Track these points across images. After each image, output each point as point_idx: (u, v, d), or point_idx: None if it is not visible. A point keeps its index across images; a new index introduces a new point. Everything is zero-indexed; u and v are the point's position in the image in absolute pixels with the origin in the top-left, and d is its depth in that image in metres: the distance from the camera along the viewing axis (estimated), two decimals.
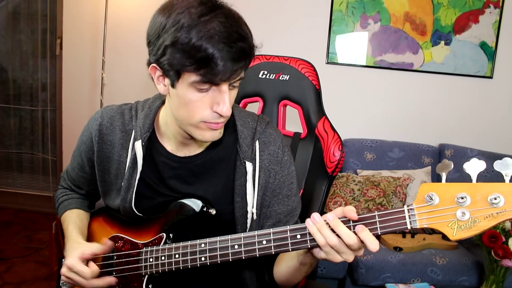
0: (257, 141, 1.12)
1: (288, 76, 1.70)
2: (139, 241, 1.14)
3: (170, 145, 1.13)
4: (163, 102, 1.13)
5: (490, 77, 3.11)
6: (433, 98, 3.18)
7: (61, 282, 1.23)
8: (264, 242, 0.95)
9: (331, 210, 0.95)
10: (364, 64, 3.16)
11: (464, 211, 0.74)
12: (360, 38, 3.14)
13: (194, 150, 1.12)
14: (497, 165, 0.73)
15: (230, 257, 0.98)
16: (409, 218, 0.81)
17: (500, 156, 0.74)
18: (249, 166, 1.09)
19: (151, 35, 0.94)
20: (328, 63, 3.19)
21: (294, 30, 3.16)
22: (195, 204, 1.09)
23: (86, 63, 3.40)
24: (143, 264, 1.10)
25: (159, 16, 0.93)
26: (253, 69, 1.68)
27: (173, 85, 0.95)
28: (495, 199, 0.72)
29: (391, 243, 2.47)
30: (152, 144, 1.13)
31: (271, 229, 0.95)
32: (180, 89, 0.94)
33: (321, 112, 1.65)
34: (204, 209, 1.08)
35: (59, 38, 3.46)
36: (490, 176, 2.89)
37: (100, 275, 1.12)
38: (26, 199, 3.77)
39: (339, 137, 1.55)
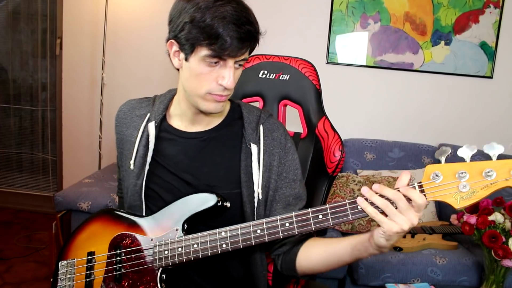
0: (261, 125, 1.21)
1: (288, 76, 1.69)
2: (150, 237, 1.16)
3: (179, 124, 1.23)
4: (176, 94, 1.26)
5: (490, 77, 3.11)
6: (433, 98, 3.18)
7: (58, 285, 1.23)
8: (287, 224, 1.02)
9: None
10: (364, 64, 3.16)
11: (464, 184, 0.89)
12: (360, 38, 3.14)
13: (201, 128, 1.22)
14: (486, 148, 0.90)
15: (253, 241, 1.04)
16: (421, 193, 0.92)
17: (500, 156, 0.85)
18: (254, 147, 1.17)
19: (172, 15, 1.08)
20: (328, 63, 3.18)
21: (294, 30, 3.16)
22: (211, 197, 1.13)
23: (86, 63, 3.40)
24: (157, 257, 1.13)
25: (181, 1, 1.07)
26: (253, 68, 1.68)
27: (186, 59, 1.08)
28: (489, 172, 0.88)
29: None
30: (162, 125, 1.24)
31: (293, 212, 1.02)
32: (192, 62, 1.07)
33: (321, 112, 1.64)
34: (219, 203, 1.12)
35: (59, 38, 3.45)
36: None
37: (105, 275, 1.15)
38: (26, 199, 3.77)
39: (339, 137, 1.54)
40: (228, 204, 1.14)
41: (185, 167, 1.20)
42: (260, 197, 1.16)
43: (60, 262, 1.25)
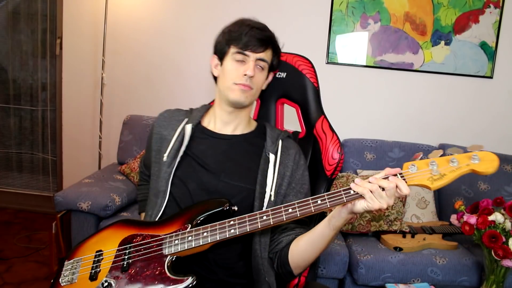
0: (280, 140, 1.43)
1: (285, 73, 1.69)
2: (160, 234, 1.24)
3: (212, 127, 1.47)
4: (211, 107, 1.53)
5: (490, 77, 3.11)
6: (433, 98, 3.17)
7: (60, 279, 1.24)
8: (290, 210, 1.16)
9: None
10: (364, 64, 3.16)
11: (435, 170, 1.11)
12: (360, 38, 3.14)
13: (230, 132, 1.45)
14: (450, 150, 1.12)
15: (259, 224, 1.17)
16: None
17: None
18: (272, 157, 1.37)
19: (217, 36, 1.45)
20: (328, 63, 3.18)
21: (294, 30, 3.16)
22: (221, 202, 1.27)
23: (86, 63, 3.40)
24: (167, 246, 1.20)
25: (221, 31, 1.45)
26: None
27: (221, 64, 1.42)
28: (453, 159, 1.11)
29: (391, 243, 2.47)
30: (197, 127, 1.47)
31: (295, 201, 1.17)
32: (225, 63, 1.40)
33: (320, 111, 1.64)
34: (227, 208, 1.25)
35: (59, 38, 3.45)
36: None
37: (112, 265, 1.21)
38: (26, 199, 3.77)
39: (338, 138, 1.54)
40: (235, 208, 1.26)
41: (211, 159, 1.39)
42: (272, 198, 1.31)
43: (66, 261, 1.27)
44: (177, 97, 3.34)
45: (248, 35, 1.35)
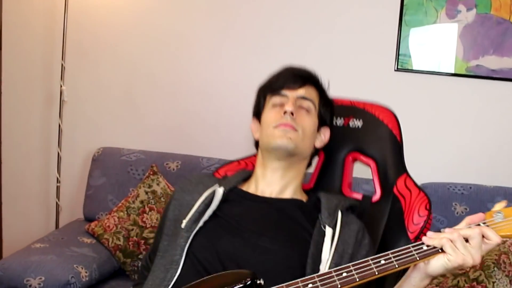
0: (339, 211, 1.57)
1: (361, 122, 1.88)
2: None
3: (253, 190, 1.67)
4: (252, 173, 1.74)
5: None
6: None
7: None
8: (345, 274, 1.24)
9: None
10: (452, 71, 3.16)
11: None
12: (446, 33, 3.14)
13: (275, 195, 1.64)
14: None
15: None
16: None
17: None
18: (328, 230, 1.49)
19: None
20: (397, 69, 3.18)
21: (347, 22, 3.18)
22: (240, 274, 1.31)
23: (37, 70, 3.44)
24: None
25: None
26: None
27: (259, 118, 1.72)
28: None
29: None
30: (232, 192, 1.65)
31: (350, 263, 1.27)
32: (264, 114, 1.69)
33: (402, 169, 1.80)
34: (248, 282, 1.27)
35: None
36: None
37: None
38: None
39: (426, 195, 1.67)
40: (262, 282, 1.28)
41: (248, 222, 1.54)
42: None
43: None
44: (170, 120, 3.37)
45: (282, 75, 1.68)
